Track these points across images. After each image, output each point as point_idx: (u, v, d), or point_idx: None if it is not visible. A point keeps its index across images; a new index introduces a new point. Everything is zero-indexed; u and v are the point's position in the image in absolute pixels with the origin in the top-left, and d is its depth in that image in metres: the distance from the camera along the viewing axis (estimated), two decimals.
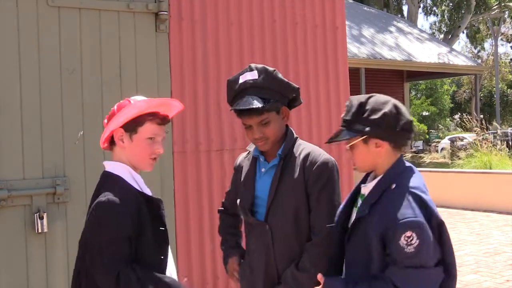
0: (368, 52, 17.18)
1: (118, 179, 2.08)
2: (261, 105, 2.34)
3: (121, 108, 2.10)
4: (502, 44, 41.09)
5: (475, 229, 9.05)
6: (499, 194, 10.56)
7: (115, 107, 2.13)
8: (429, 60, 18.67)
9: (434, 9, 34.87)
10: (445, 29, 33.72)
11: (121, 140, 2.11)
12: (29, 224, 3.29)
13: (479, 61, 34.76)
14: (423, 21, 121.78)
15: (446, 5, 33.24)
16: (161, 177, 3.67)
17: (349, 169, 4.53)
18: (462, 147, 14.70)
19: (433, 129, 32.43)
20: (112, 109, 2.14)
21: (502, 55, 39.48)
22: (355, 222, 2.04)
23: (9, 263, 3.25)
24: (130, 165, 2.12)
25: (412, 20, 27.43)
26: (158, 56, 3.77)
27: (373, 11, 22.98)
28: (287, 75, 4.27)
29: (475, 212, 10.71)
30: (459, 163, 13.25)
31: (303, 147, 2.49)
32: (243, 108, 2.35)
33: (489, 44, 38.28)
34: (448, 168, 14.01)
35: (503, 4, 30.69)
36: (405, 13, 32.63)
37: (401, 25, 21.77)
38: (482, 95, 33.99)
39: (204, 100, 3.94)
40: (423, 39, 20.86)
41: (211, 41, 3.99)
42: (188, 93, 3.88)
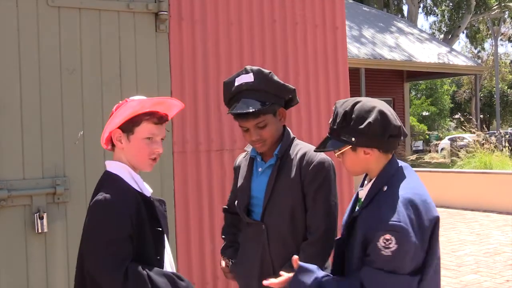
0: (368, 52, 17.17)
1: (118, 179, 2.07)
2: (257, 108, 2.35)
3: (118, 108, 2.10)
4: (502, 44, 41.11)
5: (475, 229, 9.06)
6: (499, 194, 10.56)
7: (114, 107, 2.13)
8: (429, 60, 18.67)
9: (434, 9, 34.87)
10: (445, 29, 33.73)
11: (119, 141, 2.10)
12: (29, 224, 3.29)
13: (479, 61, 34.76)
14: (423, 21, 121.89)
15: (446, 5, 33.24)
16: (161, 177, 3.67)
17: None
18: (462, 147, 14.69)
19: (433, 129, 32.42)
20: (112, 110, 2.14)
21: (502, 55, 39.49)
22: (351, 224, 2.04)
23: (9, 263, 3.24)
24: (130, 165, 2.12)
25: (412, 20, 27.43)
26: (158, 56, 3.77)
27: (373, 11, 22.98)
28: (287, 75, 4.27)
29: (475, 212, 10.72)
30: (459, 163, 13.25)
31: (300, 147, 2.50)
32: (240, 112, 2.37)
33: (489, 44, 38.30)
34: (448, 168, 14.02)
35: (503, 4, 30.70)
36: (405, 13, 32.63)
37: (401, 25, 21.77)
38: (482, 95, 33.99)
39: (204, 100, 3.94)
40: (423, 39, 20.86)
41: (211, 41, 3.99)
42: (188, 93, 3.88)
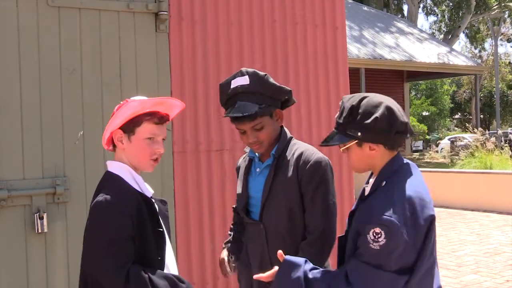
0: (368, 52, 17.17)
1: (118, 179, 2.07)
2: (253, 111, 2.36)
3: (119, 109, 2.10)
4: (501, 44, 41.10)
5: (475, 229, 9.06)
6: (499, 194, 10.56)
7: (115, 108, 2.13)
8: (429, 60, 18.67)
9: (434, 9, 34.88)
10: (445, 29, 33.73)
11: (120, 142, 2.10)
12: (29, 224, 3.29)
13: (479, 61, 34.75)
14: (423, 21, 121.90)
15: (446, 5, 33.24)
16: (161, 177, 3.67)
17: (349, 168, 4.53)
18: (462, 147, 14.70)
19: (433, 129, 32.42)
20: (113, 110, 2.14)
21: (502, 55, 39.48)
22: (350, 219, 2.04)
23: (9, 263, 3.24)
24: (131, 165, 2.11)
25: (412, 20, 27.42)
26: (158, 56, 3.77)
27: (373, 11, 22.97)
28: (287, 75, 4.27)
29: (475, 212, 10.72)
30: (459, 163, 13.26)
31: (297, 147, 2.51)
32: (236, 115, 2.38)
33: (489, 44, 38.29)
34: (448, 168, 14.03)
35: (503, 4, 30.71)
36: (405, 13, 32.63)
37: (401, 25, 21.77)
38: (482, 95, 33.98)
39: (204, 100, 3.94)
40: (423, 39, 20.85)
41: (211, 41, 3.99)
42: (188, 93, 3.88)
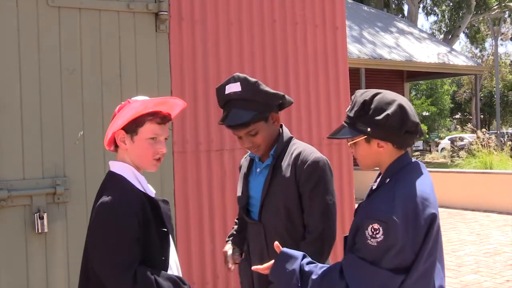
0: (368, 52, 17.17)
1: (122, 179, 2.07)
2: (246, 119, 2.38)
3: (121, 109, 2.10)
4: (501, 44, 41.11)
5: (475, 229, 9.06)
6: (499, 194, 10.57)
7: (117, 108, 2.13)
8: (429, 60, 18.66)
9: (435, 9, 34.86)
10: (445, 29, 33.72)
11: (123, 142, 2.10)
12: (29, 224, 3.29)
13: (480, 61, 34.75)
14: (423, 21, 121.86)
15: (447, 5, 33.23)
16: (161, 177, 3.67)
17: (349, 168, 4.54)
18: (462, 147, 14.70)
19: (433, 129, 32.43)
20: (114, 111, 2.14)
21: (502, 55, 39.47)
22: (355, 215, 2.04)
23: (9, 263, 3.24)
24: (133, 165, 2.11)
25: (412, 20, 27.42)
26: (158, 56, 3.77)
27: (373, 11, 22.97)
28: (287, 75, 4.27)
29: (475, 212, 10.72)
30: (459, 163, 13.26)
31: (296, 147, 2.51)
32: (229, 124, 2.42)
33: (489, 44, 38.28)
34: (448, 168, 14.03)
35: (503, 4, 30.68)
36: (405, 13, 32.63)
37: (401, 25, 21.76)
38: (482, 95, 33.99)
39: (204, 100, 3.94)
40: (423, 39, 20.85)
41: (211, 41, 3.99)
42: (188, 93, 3.88)
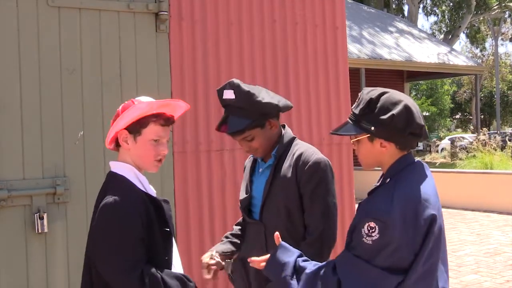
0: (368, 52, 17.17)
1: (123, 179, 2.07)
2: (240, 127, 2.40)
3: (125, 109, 2.09)
4: (501, 44, 41.11)
5: (475, 229, 9.06)
6: (500, 195, 10.57)
7: (120, 108, 2.13)
8: (429, 60, 18.66)
9: (435, 9, 34.87)
10: (445, 29, 33.73)
11: (125, 142, 2.10)
12: (29, 224, 3.29)
13: (480, 61, 34.75)
14: (423, 21, 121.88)
15: (447, 5, 33.24)
16: (161, 177, 3.67)
17: (349, 168, 4.54)
18: (463, 147, 14.70)
19: (433, 129, 32.41)
20: (117, 110, 2.14)
21: (502, 55, 39.48)
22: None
23: (9, 263, 3.25)
24: (135, 165, 2.12)
25: (412, 20, 27.42)
26: (158, 56, 3.77)
27: (373, 11, 22.97)
28: (287, 75, 4.27)
29: (476, 212, 10.72)
30: (459, 163, 13.26)
31: (298, 147, 2.52)
32: (224, 131, 2.45)
33: (489, 44, 38.30)
34: (448, 168, 14.03)
35: (503, 4, 30.69)
36: (405, 13, 32.63)
37: (401, 25, 21.76)
38: (482, 95, 33.99)
39: (204, 100, 3.94)
40: (423, 39, 20.85)
41: (211, 41, 3.99)
42: (188, 93, 3.88)
